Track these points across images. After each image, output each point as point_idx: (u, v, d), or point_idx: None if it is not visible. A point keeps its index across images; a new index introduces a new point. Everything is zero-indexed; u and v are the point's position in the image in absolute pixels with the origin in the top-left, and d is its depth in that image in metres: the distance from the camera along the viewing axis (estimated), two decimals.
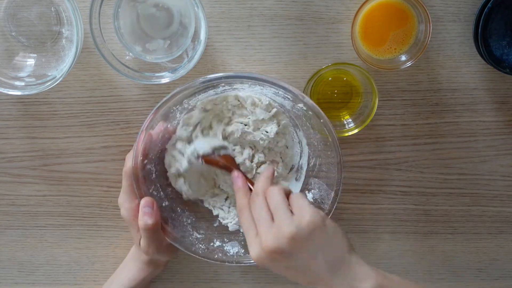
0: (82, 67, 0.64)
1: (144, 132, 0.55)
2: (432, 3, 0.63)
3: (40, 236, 0.68)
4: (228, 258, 0.60)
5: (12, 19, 0.62)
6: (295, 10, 0.63)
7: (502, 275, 0.69)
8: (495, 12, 0.60)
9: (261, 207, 0.50)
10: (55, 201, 0.67)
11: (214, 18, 0.63)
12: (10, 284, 0.69)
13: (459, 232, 0.68)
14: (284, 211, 0.48)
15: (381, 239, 0.68)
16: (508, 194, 0.67)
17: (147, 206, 0.56)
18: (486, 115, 0.65)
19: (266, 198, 0.51)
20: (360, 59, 0.60)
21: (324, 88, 0.64)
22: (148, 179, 0.59)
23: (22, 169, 0.66)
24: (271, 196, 0.50)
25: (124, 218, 0.59)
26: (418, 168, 0.66)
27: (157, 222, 0.56)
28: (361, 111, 0.62)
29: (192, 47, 0.59)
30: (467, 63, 0.64)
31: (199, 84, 0.54)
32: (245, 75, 0.54)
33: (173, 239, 0.58)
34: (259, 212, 0.50)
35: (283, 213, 0.48)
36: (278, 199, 0.50)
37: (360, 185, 0.67)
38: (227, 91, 0.60)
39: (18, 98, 0.65)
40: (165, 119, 0.58)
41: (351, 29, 0.59)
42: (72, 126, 0.65)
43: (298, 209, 0.49)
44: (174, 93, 0.54)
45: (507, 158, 0.66)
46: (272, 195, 0.50)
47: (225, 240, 0.62)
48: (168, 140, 0.61)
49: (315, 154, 0.63)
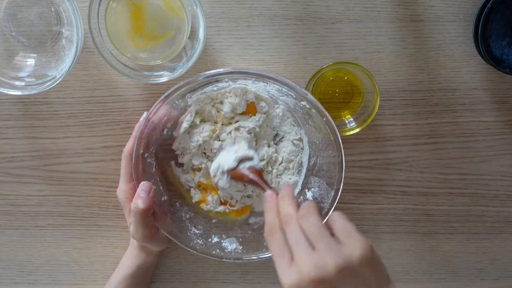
0: (82, 67, 0.64)
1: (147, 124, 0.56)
2: (432, 3, 0.63)
3: (40, 236, 0.68)
4: (226, 254, 0.60)
5: (12, 19, 0.62)
6: (295, 10, 0.63)
7: (502, 275, 0.69)
8: (495, 12, 0.60)
9: (297, 232, 0.45)
10: (55, 201, 0.67)
11: (214, 18, 0.63)
12: (10, 284, 0.69)
13: (459, 232, 0.68)
14: (327, 239, 0.44)
15: (381, 239, 0.68)
16: (508, 194, 0.67)
17: (143, 190, 0.56)
18: (486, 115, 0.65)
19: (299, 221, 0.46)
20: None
21: (325, 88, 0.64)
22: (148, 172, 0.59)
23: (22, 169, 0.66)
24: (307, 219, 0.45)
25: (118, 198, 0.59)
26: (418, 168, 0.66)
27: (148, 208, 0.55)
28: (362, 111, 0.62)
29: (191, 46, 0.59)
30: (467, 63, 0.64)
31: (204, 79, 0.54)
32: (251, 72, 0.54)
33: (171, 233, 0.58)
34: (296, 237, 0.45)
35: (327, 242, 0.43)
36: (317, 224, 0.45)
37: (360, 185, 0.67)
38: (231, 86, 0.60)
39: (18, 98, 0.65)
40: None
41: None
42: (72, 126, 0.65)
43: (346, 236, 0.44)
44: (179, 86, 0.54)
45: (507, 158, 0.66)
46: (308, 219, 0.45)
47: (223, 236, 0.62)
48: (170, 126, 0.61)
49: (316, 153, 0.63)
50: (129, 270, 0.63)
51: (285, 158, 0.63)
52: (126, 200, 0.58)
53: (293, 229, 0.45)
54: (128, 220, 0.59)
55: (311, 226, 0.45)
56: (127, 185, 0.58)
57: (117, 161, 0.65)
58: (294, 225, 0.46)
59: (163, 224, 0.58)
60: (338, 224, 0.45)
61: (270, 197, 0.50)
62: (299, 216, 0.46)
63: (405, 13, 0.63)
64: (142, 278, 0.64)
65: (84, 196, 0.67)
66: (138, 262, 0.63)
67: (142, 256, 0.63)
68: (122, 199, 0.58)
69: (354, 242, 0.43)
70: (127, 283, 0.63)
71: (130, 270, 0.63)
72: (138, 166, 0.57)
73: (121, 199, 0.59)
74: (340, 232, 0.44)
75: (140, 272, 0.63)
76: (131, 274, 0.63)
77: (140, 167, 0.57)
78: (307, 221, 0.45)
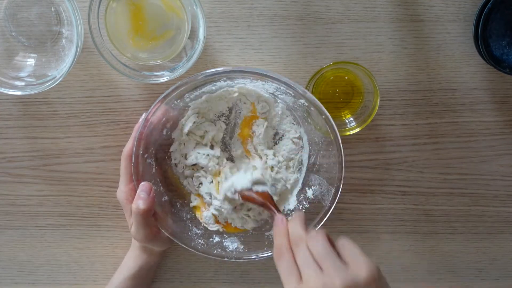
0: (82, 67, 0.64)
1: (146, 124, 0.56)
2: (432, 3, 0.63)
3: (40, 236, 0.68)
4: (228, 254, 0.60)
5: (12, 19, 0.62)
6: (295, 10, 0.63)
7: (502, 275, 0.69)
8: (495, 12, 0.60)
9: (306, 253, 0.46)
10: (55, 201, 0.67)
11: (214, 18, 0.63)
12: (10, 284, 0.69)
13: (459, 232, 0.68)
14: (335, 260, 0.45)
15: (381, 239, 0.68)
16: (508, 194, 0.67)
17: (144, 191, 0.56)
18: (486, 115, 0.65)
19: (308, 244, 0.47)
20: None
21: (325, 88, 0.64)
22: (148, 173, 0.59)
23: (22, 169, 0.66)
24: (316, 242, 0.46)
25: (119, 200, 0.59)
26: (418, 168, 0.66)
27: (149, 208, 0.55)
28: (362, 111, 0.62)
29: (191, 46, 0.59)
30: (467, 63, 0.64)
31: (203, 78, 0.54)
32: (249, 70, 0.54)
33: (172, 233, 0.58)
34: (305, 259, 0.46)
35: (335, 263, 0.44)
36: (325, 246, 0.46)
37: (360, 185, 0.67)
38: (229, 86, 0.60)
39: (18, 98, 0.65)
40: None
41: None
42: (72, 126, 0.65)
43: (353, 259, 0.45)
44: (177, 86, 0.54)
45: (507, 158, 0.66)
46: (317, 241, 0.46)
47: (224, 236, 0.62)
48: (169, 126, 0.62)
49: (316, 151, 0.63)
50: (131, 271, 0.63)
51: (285, 157, 0.63)
52: (126, 201, 0.58)
53: (303, 250, 0.46)
54: (129, 222, 0.59)
55: (319, 247, 0.46)
56: (127, 186, 0.58)
57: (117, 161, 0.65)
58: (303, 246, 0.47)
59: (164, 224, 0.58)
60: (346, 247, 0.46)
61: (281, 221, 0.51)
62: (308, 238, 0.47)
63: (405, 13, 0.63)
64: (144, 278, 0.65)
65: (84, 196, 0.67)
66: (140, 263, 0.63)
67: (144, 257, 0.63)
68: (123, 200, 0.58)
69: (361, 264, 0.44)
70: (129, 283, 0.63)
71: (132, 270, 0.63)
72: (138, 167, 0.57)
73: (122, 201, 0.59)
74: (348, 254, 0.46)
75: (142, 272, 0.63)
76: (133, 275, 0.63)
77: (140, 167, 0.57)
78: (316, 242, 0.46)
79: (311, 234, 0.47)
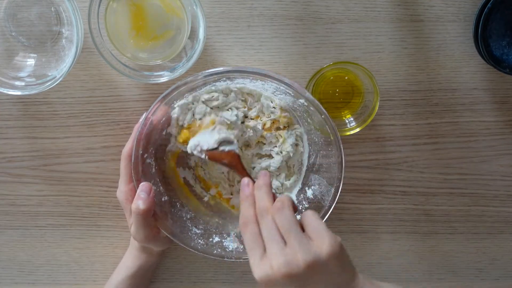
0: (82, 67, 0.64)
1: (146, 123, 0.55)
2: (432, 3, 0.63)
3: (40, 236, 0.68)
4: (227, 253, 0.60)
5: (12, 19, 0.62)
6: (295, 10, 0.63)
7: (502, 275, 0.69)
8: (495, 12, 0.60)
9: (271, 226, 0.47)
10: (55, 201, 0.67)
11: (214, 18, 0.63)
12: (10, 284, 0.69)
13: (459, 232, 0.68)
14: (298, 234, 0.45)
15: (381, 239, 0.68)
16: (508, 194, 0.67)
17: (143, 191, 0.56)
18: (486, 115, 0.65)
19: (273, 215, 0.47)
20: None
21: (325, 88, 0.64)
22: (148, 173, 0.59)
23: (22, 169, 0.66)
24: (281, 214, 0.46)
25: (118, 200, 0.59)
26: (418, 168, 0.66)
27: (149, 209, 0.55)
28: (362, 111, 0.62)
29: (191, 46, 0.59)
30: (467, 63, 0.64)
31: (203, 78, 0.54)
32: (249, 70, 0.54)
33: (172, 233, 0.58)
34: (269, 232, 0.46)
35: (298, 237, 0.45)
36: (290, 220, 0.46)
37: (360, 185, 0.67)
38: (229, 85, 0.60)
39: (18, 98, 0.65)
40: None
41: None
42: (72, 126, 0.65)
43: (315, 233, 0.46)
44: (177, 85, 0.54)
45: (507, 158, 0.66)
46: (282, 214, 0.46)
47: (224, 235, 0.62)
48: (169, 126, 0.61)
49: (315, 151, 0.63)
50: (130, 271, 0.63)
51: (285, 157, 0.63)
52: (126, 201, 0.58)
53: (267, 223, 0.47)
54: (129, 221, 0.59)
55: (284, 220, 0.46)
56: (126, 186, 0.58)
57: (117, 161, 0.65)
58: (268, 218, 0.47)
59: (164, 224, 0.58)
60: (310, 221, 0.47)
61: (247, 185, 0.51)
62: (274, 209, 0.47)
63: (405, 13, 0.63)
64: (143, 278, 0.65)
65: (84, 196, 0.67)
66: (139, 263, 0.63)
67: (143, 257, 0.63)
68: (122, 200, 0.58)
69: (324, 239, 0.45)
70: (128, 283, 0.63)
71: (131, 270, 0.63)
72: (137, 167, 0.57)
73: (121, 201, 0.59)
74: (310, 231, 0.46)
75: (141, 272, 0.63)
76: (132, 275, 0.63)
77: (139, 167, 0.57)
78: (281, 215, 0.47)
79: (277, 205, 0.47)
